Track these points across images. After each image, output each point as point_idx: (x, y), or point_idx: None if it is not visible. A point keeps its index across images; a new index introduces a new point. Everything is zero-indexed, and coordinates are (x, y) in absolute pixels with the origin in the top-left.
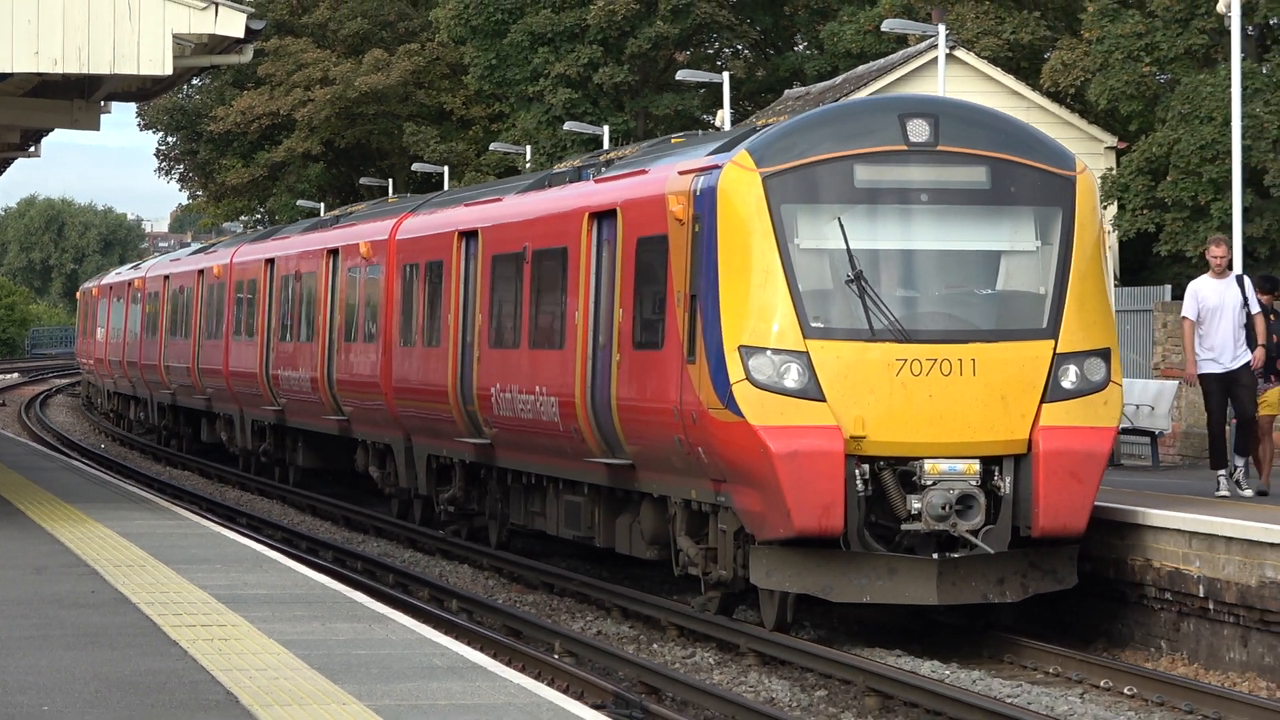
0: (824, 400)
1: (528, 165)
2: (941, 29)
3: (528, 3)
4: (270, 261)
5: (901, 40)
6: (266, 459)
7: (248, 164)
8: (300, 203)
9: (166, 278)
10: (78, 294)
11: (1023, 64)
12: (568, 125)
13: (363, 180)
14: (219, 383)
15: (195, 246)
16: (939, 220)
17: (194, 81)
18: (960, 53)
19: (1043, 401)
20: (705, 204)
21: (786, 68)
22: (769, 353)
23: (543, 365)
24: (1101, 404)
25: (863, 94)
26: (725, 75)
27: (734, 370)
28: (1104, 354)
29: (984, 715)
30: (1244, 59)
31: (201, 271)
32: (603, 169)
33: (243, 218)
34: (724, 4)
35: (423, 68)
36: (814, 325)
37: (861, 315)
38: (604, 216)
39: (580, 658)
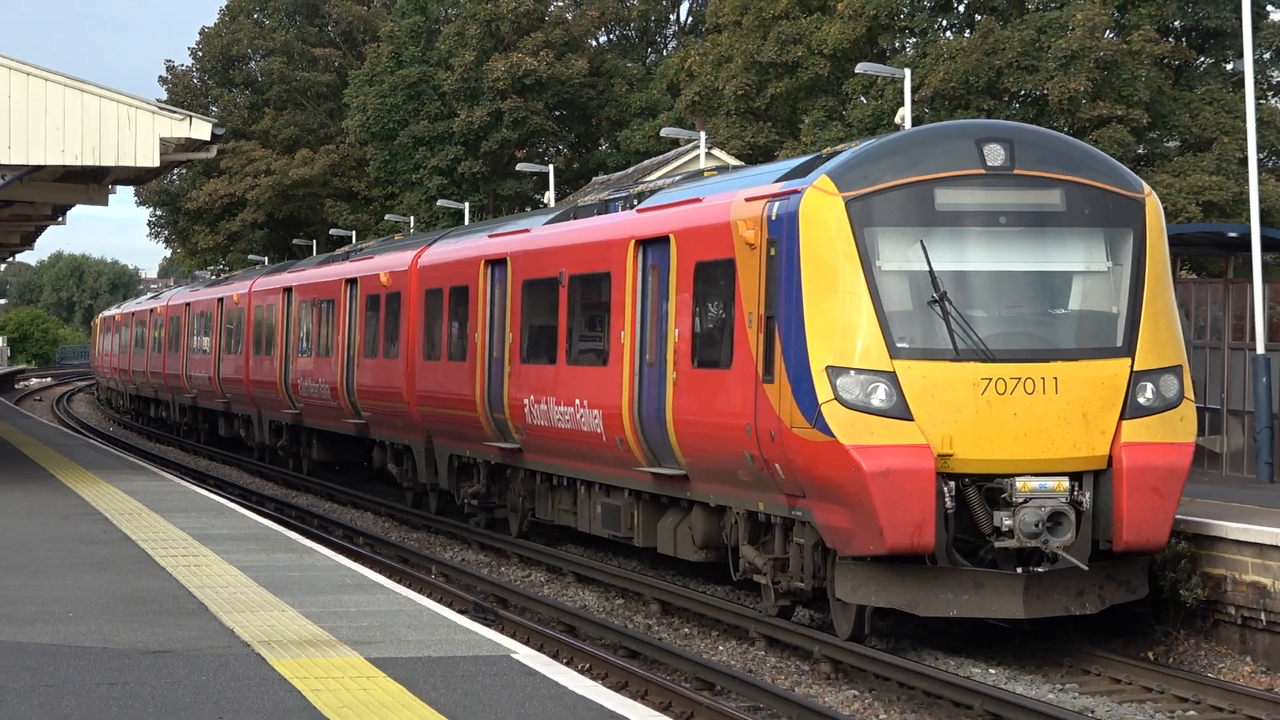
0: (912, 419)
1: (411, 229)
2: (702, 135)
3: (411, 115)
4: (288, 290)
5: (675, 142)
6: (284, 452)
7: (213, 230)
8: (251, 257)
9: (188, 305)
10: (94, 321)
11: (760, 159)
12: (440, 202)
13: (295, 241)
14: (239, 389)
15: (209, 280)
16: (1017, 242)
17: (175, 171)
18: (716, 151)
19: (1122, 418)
20: (783, 228)
21: (594, 161)
22: (855, 373)
23: (583, 380)
24: (1178, 420)
25: (642, 182)
26: (550, 167)
27: (822, 390)
28: (1177, 371)
29: None
30: None
31: (221, 299)
32: (634, 201)
33: (210, 268)
34: (549, 117)
35: (337, 161)
36: (900, 345)
37: (945, 335)
38: (650, 243)
39: (450, 577)
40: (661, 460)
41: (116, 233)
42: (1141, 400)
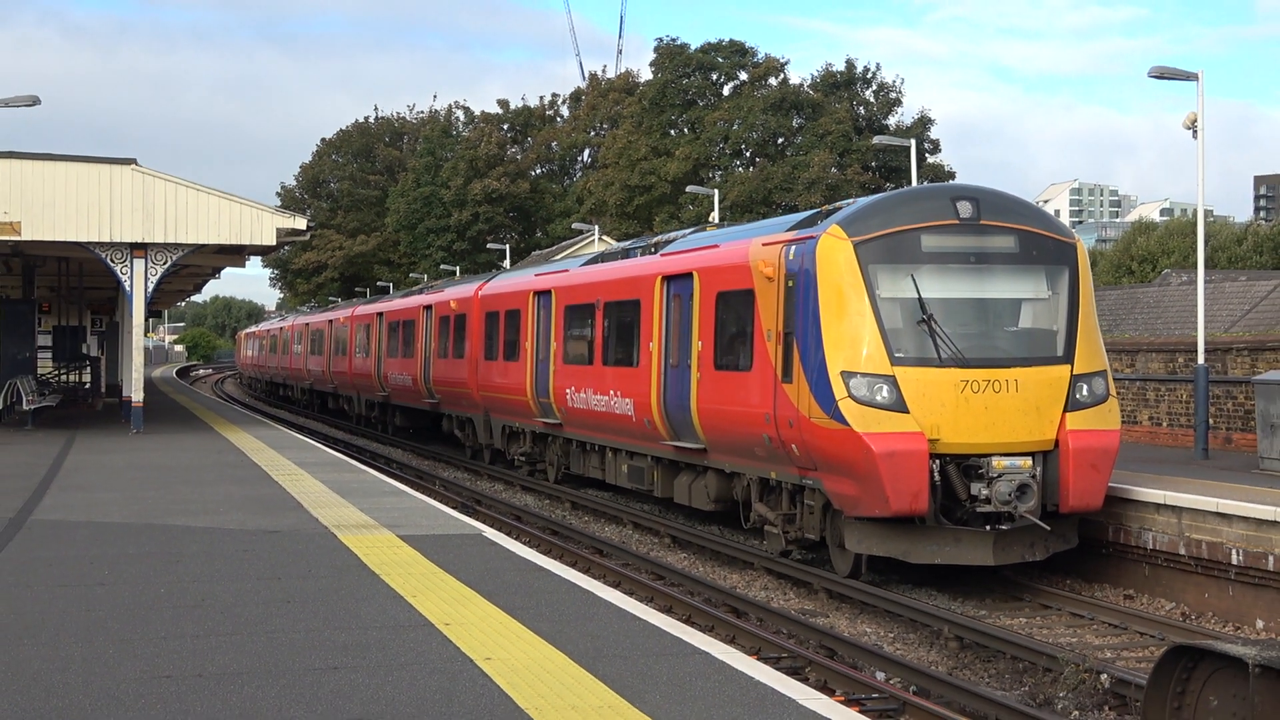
0: (908, 412)
1: (426, 281)
2: (596, 228)
3: (425, 215)
4: (380, 314)
5: (580, 231)
6: (374, 421)
7: (308, 282)
8: (330, 298)
9: (306, 324)
10: (238, 335)
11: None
12: (442, 266)
13: (356, 289)
14: (344, 379)
15: (309, 309)
16: (983, 276)
17: (284, 247)
18: (605, 237)
19: (1065, 410)
20: (799, 265)
21: (532, 243)
22: (863, 376)
23: (617, 377)
24: (1107, 411)
25: (561, 255)
26: (507, 246)
27: (838, 389)
28: (1103, 374)
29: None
30: None
31: (331, 320)
32: (651, 250)
33: (306, 305)
34: (507, 216)
35: (381, 243)
36: (897, 355)
37: (932, 347)
38: (673, 278)
39: (447, 486)
40: (682, 437)
41: (250, 283)
42: (1079, 396)
